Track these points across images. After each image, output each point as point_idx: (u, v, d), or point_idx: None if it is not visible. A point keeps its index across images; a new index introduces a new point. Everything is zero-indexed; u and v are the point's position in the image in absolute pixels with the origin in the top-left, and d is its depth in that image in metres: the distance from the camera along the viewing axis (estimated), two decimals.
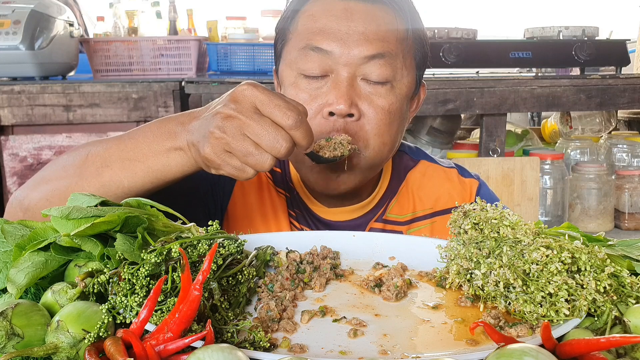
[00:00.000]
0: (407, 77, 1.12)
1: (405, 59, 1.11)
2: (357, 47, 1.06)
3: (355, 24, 1.06)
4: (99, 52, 2.72)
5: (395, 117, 1.10)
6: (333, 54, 1.06)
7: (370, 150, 1.09)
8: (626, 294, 0.73)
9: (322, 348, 0.67)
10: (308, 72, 1.08)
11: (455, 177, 1.29)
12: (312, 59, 1.07)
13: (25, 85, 2.44)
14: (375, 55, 1.06)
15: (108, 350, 0.61)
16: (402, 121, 1.13)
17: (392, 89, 1.09)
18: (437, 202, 1.27)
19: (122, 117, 2.49)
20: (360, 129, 1.07)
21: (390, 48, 1.07)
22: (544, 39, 2.73)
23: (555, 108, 2.72)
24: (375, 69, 1.06)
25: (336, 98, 1.05)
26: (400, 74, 1.10)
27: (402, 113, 1.12)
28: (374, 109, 1.07)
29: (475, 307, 0.78)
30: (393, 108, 1.09)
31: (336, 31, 1.06)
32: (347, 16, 1.07)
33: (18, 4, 2.47)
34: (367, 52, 1.06)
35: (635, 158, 3.02)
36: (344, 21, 1.06)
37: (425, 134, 2.97)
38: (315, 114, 1.07)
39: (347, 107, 1.05)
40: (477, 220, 0.82)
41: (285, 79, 1.13)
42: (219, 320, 0.70)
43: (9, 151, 2.50)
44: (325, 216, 1.23)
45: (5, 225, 0.81)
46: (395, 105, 1.09)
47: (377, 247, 0.97)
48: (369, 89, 1.08)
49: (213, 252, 0.68)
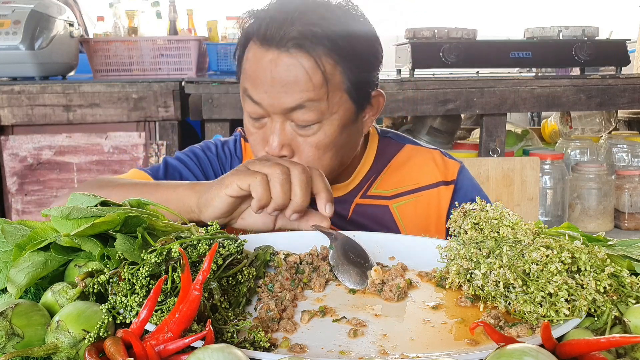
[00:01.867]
0: (339, 110, 1.16)
1: (333, 97, 1.15)
2: (280, 100, 1.12)
3: (278, 76, 1.11)
4: (99, 52, 2.72)
5: (325, 150, 1.17)
6: (262, 104, 1.14)
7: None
8: (626, 294, 0.73)
9: (322, 348, 0.67)
10: (250, 115, 1.18)
11: (438, 157, 1.39)
12: (249, 105, 1.17)
13: (25, 85, 2.44)
14: (296, 107, 1.12)
15: (108, 350, 0.61)
16: (335, 145, 1.19)
17: (321, 127, 1.15)
18: (421, 178, 1.36)
19: (122, 117, 2.49)
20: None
21: (310, 96, 1.12)
22: (544, 39, 2.73)
23: (555, 108, 2.72)
24: (299, 116, 1.13)
25: (270, 141, 1.15)
26: (329, 111, 1.15)
27: (334, 141, 1.18)
28: (304, 148, 1.16)
29: (475, 307, 0.78)
30: (322, 144, 1.16)
31: (263, 82, 1.13)
32: (272, 68, 1.12)
33: (18, 4, 2.47)
34: (289, 105, 1.12)
35: (635, 158, 3.02)
36: (269, 73, 1.12)
37: (425, 134, 2.97)
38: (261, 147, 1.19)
39: (278, 150, 1.15)
40: (477, 220, 0.82)
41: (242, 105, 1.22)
42: (219, 320, 0.70)
43: (9, 151, 2.51)
44: None
45: (5, 225, 0.81)
46: (325, 141, 1.16)
47: (377, 247, 0.97)
48: (299, 131, 1.15)
49: (213, 252, 0.68)
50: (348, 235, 0.96)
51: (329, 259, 0.91)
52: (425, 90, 2.50)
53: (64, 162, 2.54)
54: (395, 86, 2.48)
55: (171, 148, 2.55)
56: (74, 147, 2.53)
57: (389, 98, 2.47)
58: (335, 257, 0.90)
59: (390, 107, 2.49)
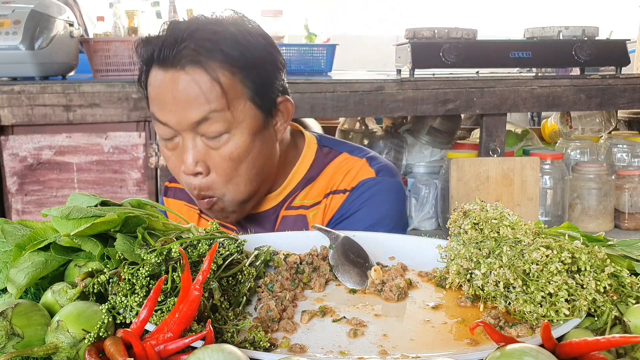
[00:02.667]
0: (246, 117, 1.18)
1: (236, 106, 1.16)
2: (184, 116, 1.14)
3: (179, 93, 1.14)
4: (99, 52, 2.72)
5: (240, 160, 1.19)
6: (169, 124, 1.16)
7: (227, 195, 1.21)
8: (626, 294, 0.73)
9: (322, 348, 0.67)
10: (162, 137, 1.21)
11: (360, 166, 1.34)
12: (159, 128, 1.19)
13: (25, 85, 2.44)
14: (201, 120, 1.14)
15: (108, 350, 0.61)
16: (249, 154, 1.20)
17: (231, 138, 1.17)
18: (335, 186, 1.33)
19: (122, 117, 2.49)
20: (213, 183, 1.19)
21: (212, 107, 1.14)
22: (544, 39, 2.72)
23: (555, 108, 2.72)
24: (206, 128, 1.15)
25: (183, 161, 1.18)
26: (236, 121, 1.16)
27: (247, 151, 1.19)
28: (218, 161, 1.18)
29: (475, 307, 0.78)
30: (235, 154, 1.18)
31: (166, 103, 1.15)
32: (172, 87, 1.14)
33: (18, 4, 2.47)
34: (193, 119, 1.14)
35: (635, 158, 3.01)
36: (170, 92, 1.14)
37: (425, 134, 2.97)
38: (179, 172, 1.21)
39: (192, 167, 1.17)
40: (477, 220, 0.82)
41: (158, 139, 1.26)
42: (219, 320, 0.70)
43: (9, 151, 2.50)
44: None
45: (5, 225, 0.81)
46: (237, 150, 1.18)
47: (377, 247, 0.97)
48: (210, 144, 1.17)
49: (213, 252, 0.68)
50: (348, 235, 0.96)
51: (329, 259, 0.91)
52: (425, 90, 2.50)
53: (64, 162, 2.54)
54: (395, 86, 2.48)
55: None
56: (74, 147, 2.53)
57: (389, 98, 2.47)
58: (335, 257, 0.90)
59: (390, 107, 2.49)
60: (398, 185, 1.33)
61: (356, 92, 2.41)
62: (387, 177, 1.32)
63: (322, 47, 2.71)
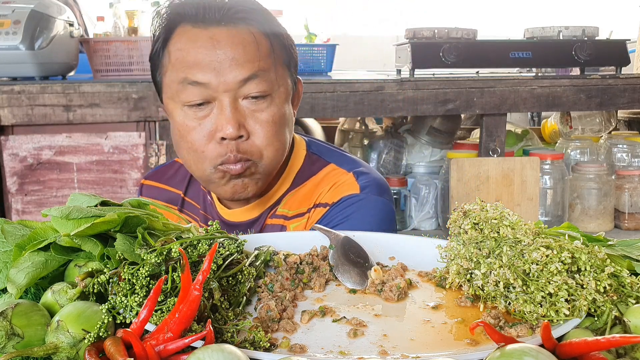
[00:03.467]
0: (283, 84, 1.19)
1: (277, 69, 1.17)
2: (231, 74, 1.12)
3: (224, 50, 1.11)
4: (99, 52, 2.72)
5: (280, 124, 1.18)
6: (211, 85, 1.12)
7: (265, 159, 1.18)
8: (626, 294, 0.73)
9: (322, 348, 0.67)
10: (192, 103, 1.14)
11: (346, 180, 1.28)
12: (192, 92, 1.13)
13: (25, 85, 2.44)
14: (250, 77, 1.12)
15: (108, 350, 0.61)
16: (287, 124, 1.21)
17: (272, 101, 1.16)
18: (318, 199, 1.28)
19: (122, 117, 2.49)
20: (252, 146, 1.16)
21: (261, 66, 1.13)
22: (544, 39, 2.72)
23: (555, 108, 2.72)
24: (252, 88, 1.13)
25: (224, 124, 1.12)
26: (277, 84, 1.17)
27: (285, 118, 1.19)
28: (260, 125, 1.15)
29: (475, 307, 0.78)
30: (276, 118, 1.16)
31: (208, 62, 1.12)
32: (214, 45, 1.12)
33: (18, 4, 2.47)
34: (242, 76, 1.12)
35: (635, 158, 3.01)
36: (213, 50, 1.12)
37: (425, 134, 2.97)
38: (207, 140, 1.15)
39: (236, 130, 1.12)
40: (477, 220, 0.82)
41: (172, 111, 1.19)
42: (219, 320, 0.70)
43: (9, 151, 2.50)
44: (228, 217, 1.32)
45: (5, 225, 0.81)
46: (278, 114, 1.17)
47: (377, 247, 0.97)
48: (251, 107, 1.14)
49: (213, 252, 0.68)
50: (348, 235, 0.96)
51: (329, 259, 0.91)
52: (425, 90, 2.50)
53: (64, 162, 2.54)
54: (395, 86, 2.48)
55: (171, 148, 2.55)
56: (74, 147, 2.53)
57: (389, 98, 2.47)
58: (335, 257, 0.90)
59: (390, 107, 2.49)
60: (383, 204, 1.26)
61: (356, 92, 2.41)
62: (372, 194, 1.25)
63: (322, 47, 2.71)
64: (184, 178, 1.43)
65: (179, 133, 1.18)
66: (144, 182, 1.47)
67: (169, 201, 1.40)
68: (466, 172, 2.54)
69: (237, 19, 1.13)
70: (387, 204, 1.27)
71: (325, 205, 1.26)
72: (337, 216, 1.22)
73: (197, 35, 1.13)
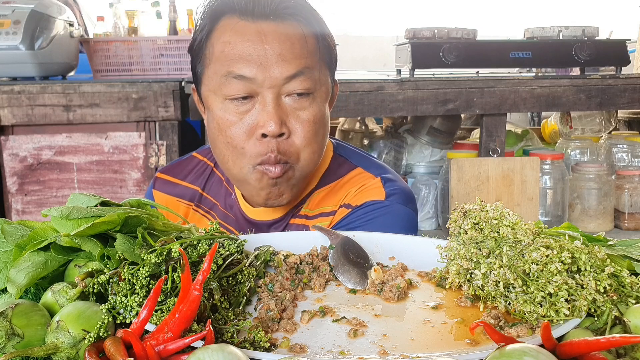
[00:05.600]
0: (325, 84, 1.18)
1: (321, 68, 1.16)
2: (277, 69, 1.10)
3: (271, 45, 1.10)
4: (99, 52, 2.72)
5: (319, 125, 1.16)
6: (256, 79, 1.10)
7: (302, 161, 1.16)
8: (626, 294, 0.73)
9: (322, 348, 0.67)
10: (235, 97, 1.12)
11: (373, 185, 1.26)
12: (235, 85, 1.11)
13: (25, 85, 2.44)
14: (296, 74, 1.11)
15: (108, 350, 0.61)
16: (326, 125, 1.20)
17: (314, 100, 1.14)
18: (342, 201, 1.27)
19: (122, 117, 2.49)
20: (291, 146, 1.14)
21: (306, 63, 1.12)
22: (544, 39, 2.72)
23: (555, 108, 2.72)
24: (297, 85, 1.11)
25: (266, 120, 1.10)
26: (319, 82, 1.15)
27: (324, 118, 1.18)
28: (301, 124, 1.13)
29: (475, 307, 0.78)
30: (317, 117, 1.15)
31: (255, 56, 1.10)
32: (262, 39, 1.10)
33: (18, 4, 2.47)
34: (287, 73, 1.10)
35: (635, 158, 3.01)
36: (260, 44, 1.10)
37: (425, 134, 2.97)
38: (247, 136, 1.12)
39: (278, 127, 1.10)
40: (477, 220, 0.82)
41: (212, 104, 1.16)
42: (219, 320, 0.70)
43: (9, 151, 2.50)
44: (251, 215, 1.29)
45: (5, 225, 0.81)
46: (319, 114, 1.15)
47: (377, 247, 0.97)
48: (294, 105, 1.13)
49: (213, 252, 0.68)
50: (348, 235, 0.96)
51: (329, 259, 0.91)
52: (425, 90, 2.50)
53: (64, 162, 2.54)
54: (395, 86, 2.48)
55: (171, 148, 2.55)
56: (74, 147, 2.53)
57: (389, 98, 2.47)
58: (335, 257, 0.90)
59: (390, 107, 2.49)
60: (407, 214, 1.24)
61: (356, 92, 2.41)
62: (398, 202, 1.23)
63: None
64: (202, 173, 1.40)
65: (217, 127, 1.15)
66: (159, 175, 1.42)
67: (183, 196, 1.37)
68: (466, 172, 2.54)
69: (286, 15, 1.12)
70: (411, 215, 1.26)
71: (348, 206, 1.25)
72: (358, 220, 1.21)
73: (244, 28, 1.11)
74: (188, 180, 1.40)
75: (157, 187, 1.41)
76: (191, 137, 2.87)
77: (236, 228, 1.31)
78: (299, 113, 1.13)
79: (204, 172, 1.40)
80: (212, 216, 1.36)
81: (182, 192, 1.38)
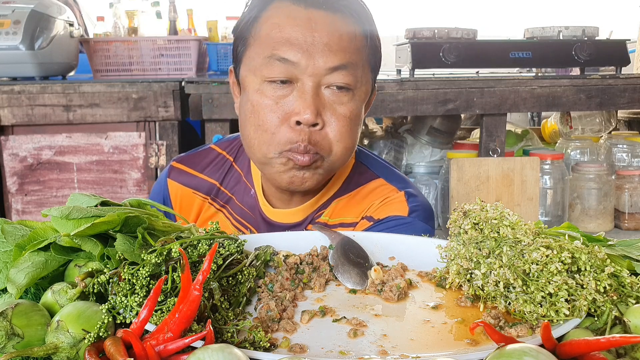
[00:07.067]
0: (365, 84, 1.16)
1: (364, 67, 1.15)
2: (322, 59, 1.08)
3: (319, 34, 1.09)
4: (99, 52, 2.72)
5: (355, 122, 1.15)
6: (299, 65, 1.08)
7: (333, 155, 1.14)
8: (626, 294, 0.73)
9: (322, 348, 0.67)
10: (275, 79, 1.10)
11: (397, 199, 1.25)
12: (277, 68, 1.09)
13: (25, 85, 2.44)
14: (339, 67, 1.09)
15: (108, 350, 0.61)
16: (360, 124, 1.18)
17: (353, 97, 1.13)
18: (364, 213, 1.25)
19: (122, 117, 2.49)
20: (324, 138, 1.12)
21: (352, 58, 1.11)
22: (544, 39, 2.73)
23: (555, 108, 2.72)
24: (338, 78, 1.10)
25: (303, 108, 1.08)
26: (360, 81, 1.14)
27: (360, 118, 1.17)
28: (336, 117, 1.12)
29: (475, 307, 0.78)
30: (353, 115, 1.13)
31: (302, 42, 1.08)
32: (311, 26, 1.09)
33: (18, 4, 2.47)
34: (331, 64, 1.09)
35: (635, 158, 3.02)
36: (308, 31, 1.08)
37: (425, 134, 2.97)
38: (281, 121, 1.10)
39: (314, 117, 1.08)
40: (477, 220, 0.82)
41: (249, 85, 1.14)
42: (219, 320, 0.70)
43: (9, 151, 2.50)
44: (271, 216, 1.27)
45: (5, 225, 0.81)
46: (356, 111, 1.14)
47: (377, 247, 0.97)
48: (332, 98, 1.11)
49: (213, 252, 0.68)
50: (348, 235, 0.96)
51: (329, 259, 0.91)
52: (425, 90, 2.50)
53: (64, 162, 2.54)
54: (395, 86, 2.48)
55: (171, 148, 2.55)
56: (74, 147, 2.53)
57: (389, 98, 2.47)
58: (335, 257, 0.90)
59: (390, 107, 2.49)
60: (427, 231, 1.21)
61: None
62: (419, 219, 1.23)
63: None
64: (221, 167, 1.36)
65: (251, 108, 1.13)
66: (175, 164, 1.37)
67: (200, 189, 1.34)
68: (466, 172, 2.54)
69: (340, 7, 1.11)
70: (431, 233, 1.24)
71: (370, 219, 1.23)
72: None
73: (295, 12, 1.10)
74: (206, 172, 1.36)
75: (173, 177, 1.36)
76: (191, 137, 2.88)
77: (253, 225, 1.29)
78: (336, 107, 1.11)
79: (223, 166, 1.36)
80: (227, 210, 1.33)
81: (199, 184, 1.34)
